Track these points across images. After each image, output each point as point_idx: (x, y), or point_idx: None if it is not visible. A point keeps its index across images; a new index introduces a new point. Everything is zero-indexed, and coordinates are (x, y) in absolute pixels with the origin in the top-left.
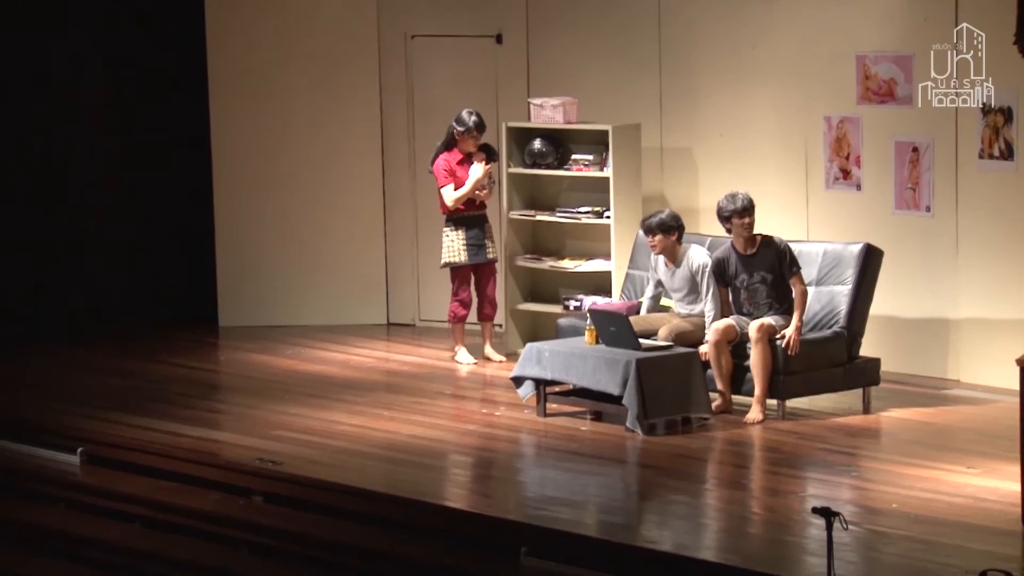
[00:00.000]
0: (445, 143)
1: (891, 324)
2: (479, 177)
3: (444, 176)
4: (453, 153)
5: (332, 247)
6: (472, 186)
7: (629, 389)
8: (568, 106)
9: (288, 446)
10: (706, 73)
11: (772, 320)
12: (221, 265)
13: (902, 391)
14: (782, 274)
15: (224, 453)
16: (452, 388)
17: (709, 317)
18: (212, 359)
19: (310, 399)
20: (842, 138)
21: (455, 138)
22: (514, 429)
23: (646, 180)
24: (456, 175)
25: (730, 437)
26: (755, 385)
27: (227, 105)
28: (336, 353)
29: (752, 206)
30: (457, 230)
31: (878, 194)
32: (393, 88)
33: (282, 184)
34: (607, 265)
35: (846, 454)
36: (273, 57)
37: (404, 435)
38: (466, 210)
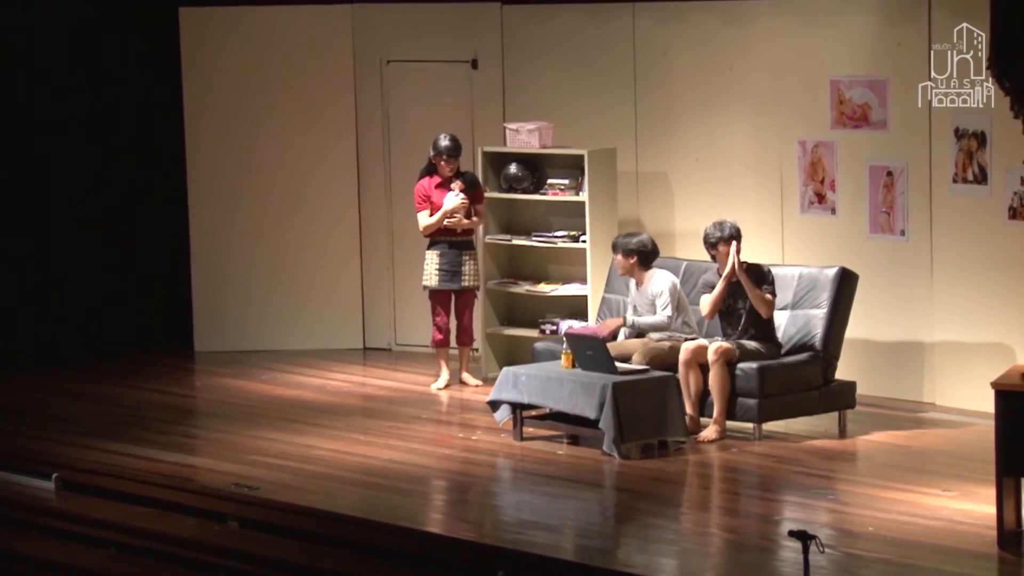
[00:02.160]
0: (427, 167)
1: (866, 347)
2: (449, 209)
3: (419, 201)
4: (434, 178)
5: (308, 271)
6: (441, 216)
7: (605, 413)
8: (544, 131)
9: (264, 471)
10: (681, 98)
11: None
12: (197, 290)
13: (878, 414)
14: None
15: (200, 478)
16: (429, 412)
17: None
18: (188, 384)
19: (286, 424)
20: (817, 162)
21: (433, 162)
22: (491, 453)
23: (622, 204)
24: (432, 200)
25: (706, 460)
26: (714, 405)
27: (202, 129)
28: (312, 378)
29: (738, 234)
30: (434, 254)
31: (853, 218)
32: (369, 113)
33: (257, 208)
34: (583, 289)
35: (822, 477)
36: (249, 81)
37: (381, 460)
38: (444, 235)
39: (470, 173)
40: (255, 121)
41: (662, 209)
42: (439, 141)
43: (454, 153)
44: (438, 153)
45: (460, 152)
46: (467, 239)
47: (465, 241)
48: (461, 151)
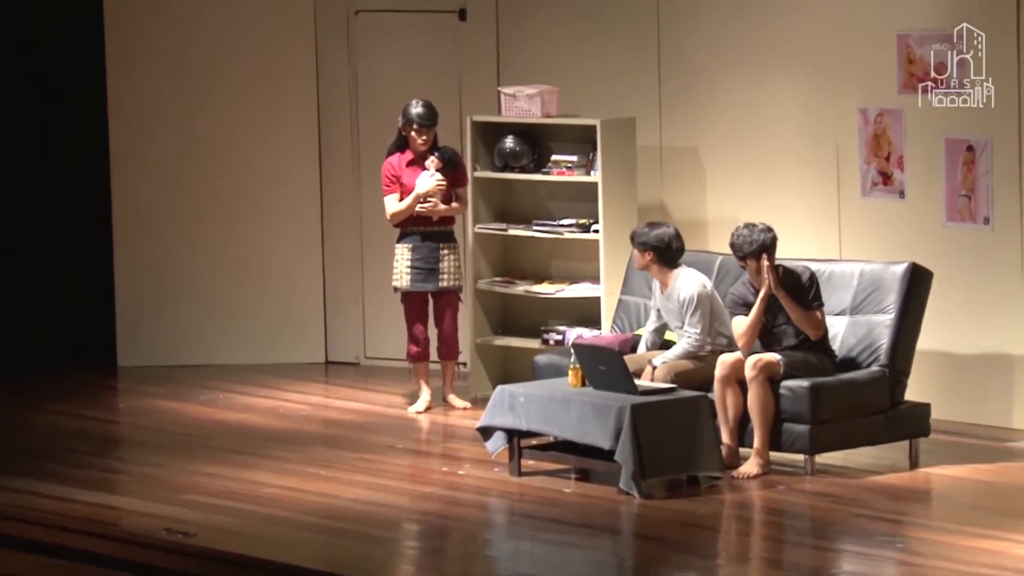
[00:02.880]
0: (396, 141)
1: (943, 361)
2: (423, 191)
3: (386, 182)
4: (405, 154)
5: (258, 270)
6: (412, 200)
7: (623, 442)
8: (547, 96)
9: (203, 514)
10: (715, 57)
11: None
12: (121, 293)
13: (956, 443)
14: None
15: (124, 523)
16: (405, 441)
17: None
18: (110, 407)
19: (230, 455)
20: (881, 135)
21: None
22: (481, 491)
23: (643, 186)
24: (402, 181)
25: (745, 501)
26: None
27: (128, 105)
28: (262, 399)
29: (771, 244)
30: (404, 248)
31: (925, 203)
32: (333, 75)
33: (196, 196)
34: (595, 290)
35: (889, 521)
36: (185, 44)
37: (346, 500)
38: (416, 225)
39: (449, 148)
40: (193, 88)
41: (691, 192)
42: (409, 107)
43: (427, 122)
44: (407, 122)
45: (435, 121)
46: (446, 229)
47: (444, 232)
48: (436, 119)
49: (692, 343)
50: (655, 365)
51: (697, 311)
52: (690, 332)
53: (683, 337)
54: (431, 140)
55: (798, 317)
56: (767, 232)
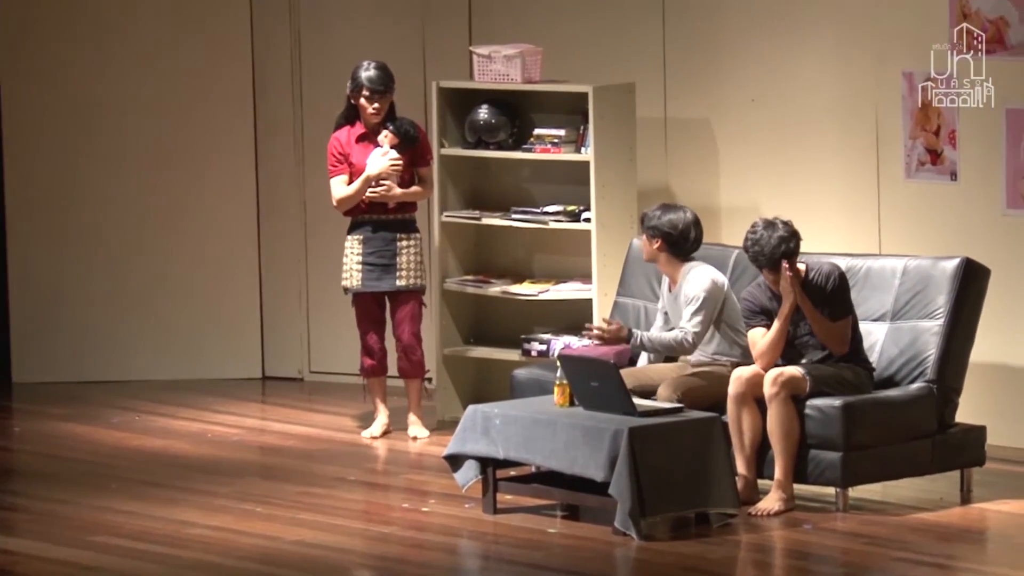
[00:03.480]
0: (345, 112)
1: (1001, 377)
2: (373, 173)
3: (332, 162)
4: (356, 127)
5: (179, 267)
6: (362, 184)
7: (618, 473)
8: (528, 57)
9: (115, 558)
10: (731, 12)
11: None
12: (15, 298)
13: (1017, 474)
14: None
15: (20, 570)
16: (359, 472)
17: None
18: (3, 431)
19: (148, 489)
20: (929, 105)
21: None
22: (450, 532)
23: (643, 166)
24: (352, 161)
25: (765, 543)
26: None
27: (20, 81)
28: (187, 421)
29: (794, 251)
30: (355, 241)
31: (982, 186)
32: (270, 31)
33: (102, 178)
34: (586, 291)
35: (938, 567)
36: (86, 8)
37: (287, 542)
38: (369, 212)
39: (407, 120)
40: (94, 54)
41: (702, 173)
42: (358, 70)
43: (379, 87)
44: (356, 87)
45: (390, 86)
46: (405, 217)
47: (402, 220)
48: (392, 85)
49: (683, 338)
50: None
51: (702, 310)
52: (687, 328)
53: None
54: (385, 110)
55: (822, 330)
56: (788, 239)
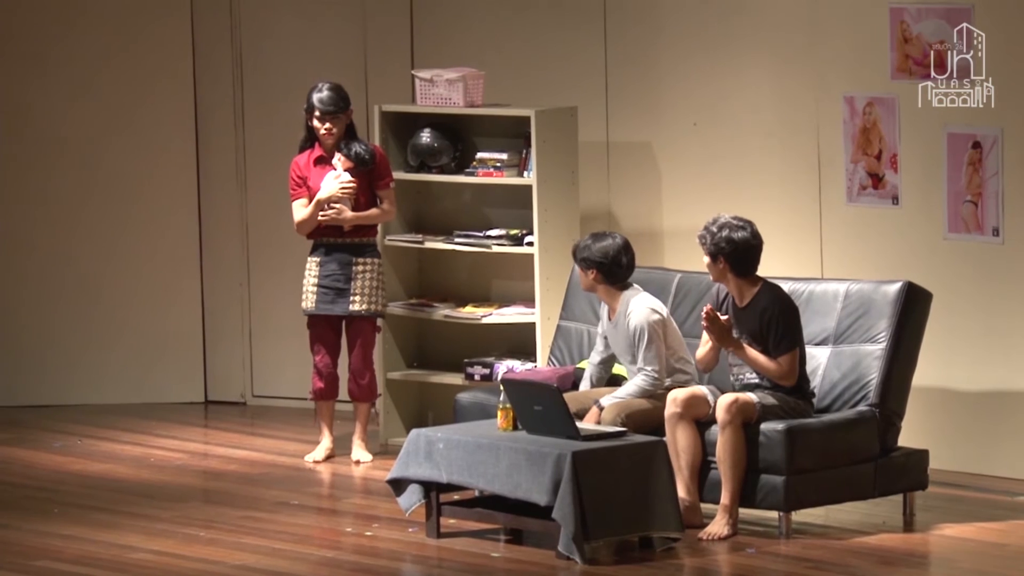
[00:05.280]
0: (306, 135)
1: (944, 400)
2: (323, 197)
3: (292, 185)
4: (316, 150)
5: (120, 292)
6: (314, 208)
7: (562, 497)
8: (471, 81)
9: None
10: (673, 37)
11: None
12: None
13: (959, 498)
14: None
15: None
16: (302, 496)
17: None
18: None
19: (89, 514)
20: (871, 128)
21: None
22: (393, 556)
23: (586, 190)
24: (309, 184)
25: (709, 567)
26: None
27: None
28: (128, 444)
29: (732, 252)
30: (312, 263)
31: (923, 210)
32: (212, 55)
33: (41, 202)
34: (529, 315)
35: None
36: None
37: (229, 566)
38: (325, 235)
39: (362, 142)
40: (35, 86)
41: (644, 197)
42: (312, 92)
43: (330, 107)
44: (309, 109)
45: (343, 107)
46: (362, 241)
47: (358, 244)
48: (345, 106)
49: (649, 382)
50: (601, 405)
51: (652, 345)
52: (647, 370)
53: (638, 374)
54: (338, 131)
55: (757, 365)
56: (735, 242)
